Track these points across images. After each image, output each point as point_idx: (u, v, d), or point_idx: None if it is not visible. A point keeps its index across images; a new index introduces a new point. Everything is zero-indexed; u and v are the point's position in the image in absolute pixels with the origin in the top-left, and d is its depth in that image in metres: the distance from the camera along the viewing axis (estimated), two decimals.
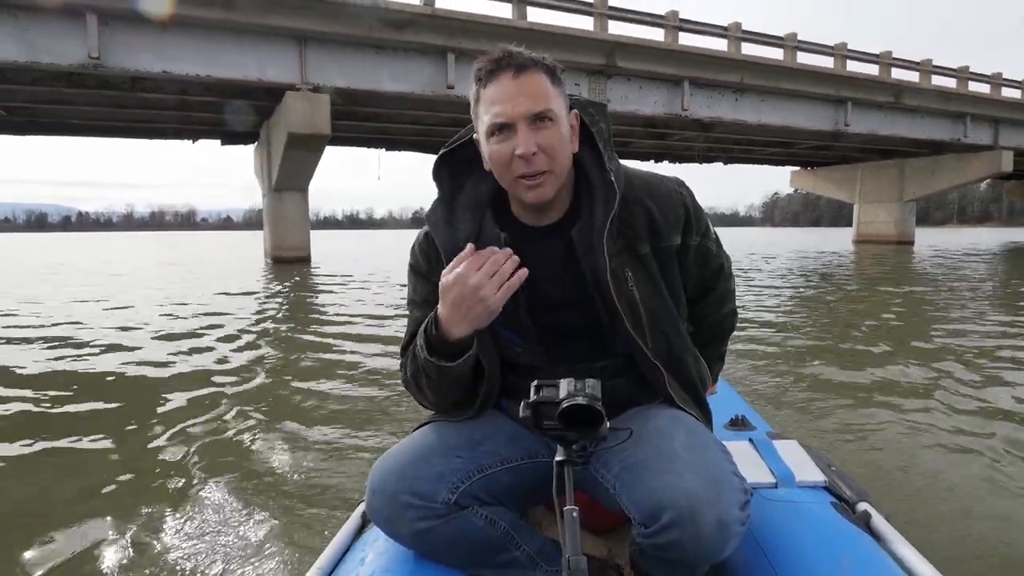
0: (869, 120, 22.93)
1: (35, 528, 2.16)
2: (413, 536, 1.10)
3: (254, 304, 8.99)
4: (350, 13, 14.02)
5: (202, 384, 4.21)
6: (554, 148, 1.06)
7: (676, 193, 1.21)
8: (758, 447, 1.52)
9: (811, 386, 3.93)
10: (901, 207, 30.45)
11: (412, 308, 1.27)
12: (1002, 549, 1.96)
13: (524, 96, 1.04)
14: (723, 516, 0.94)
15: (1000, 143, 26.60)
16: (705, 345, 1.38)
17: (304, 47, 14.58)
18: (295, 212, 18.22)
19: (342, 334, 6.12)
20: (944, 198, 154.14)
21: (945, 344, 5.38)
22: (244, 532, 2.11)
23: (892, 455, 2.72)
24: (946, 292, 9.70)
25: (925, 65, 23.14)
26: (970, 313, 7.26)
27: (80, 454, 2.98)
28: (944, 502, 2.27)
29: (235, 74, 14.13)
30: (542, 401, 0.94)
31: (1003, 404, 3.49)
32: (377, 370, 4.50)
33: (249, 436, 3.10)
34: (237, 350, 5.44)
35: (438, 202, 1.21)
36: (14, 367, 4.83)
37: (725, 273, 1.36)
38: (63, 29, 12.62)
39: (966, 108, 24.61)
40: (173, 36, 13.40)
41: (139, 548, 2.02)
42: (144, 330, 6.58)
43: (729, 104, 20.03)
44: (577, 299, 1.17)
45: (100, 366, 4.93)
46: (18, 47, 12.49)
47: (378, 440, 2.99)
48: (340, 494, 2.39)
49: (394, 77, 15.53)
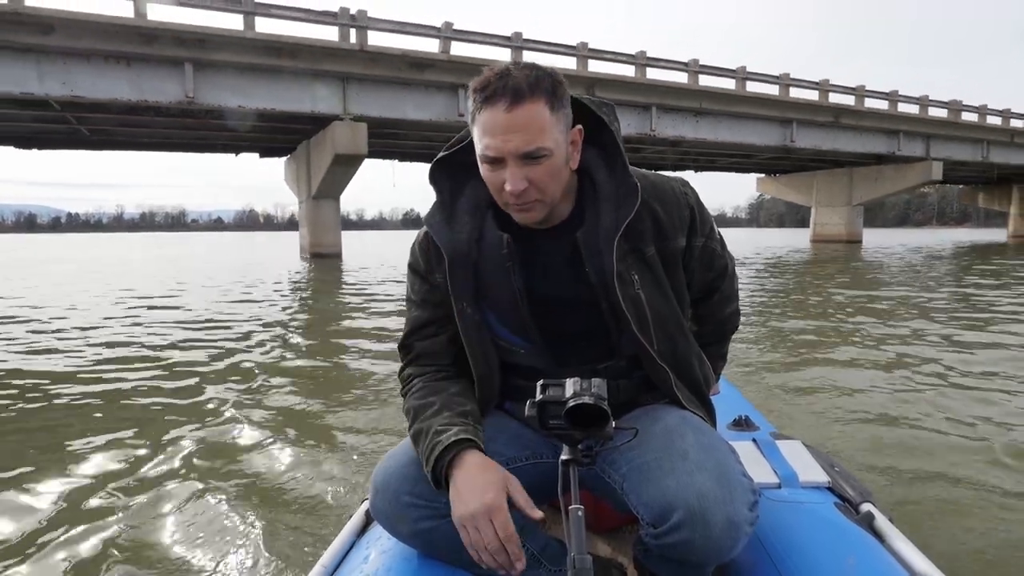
0: (813, 137, 26.90)
1: (35, 527, 2.14)
2: (416, 535, 1.09)
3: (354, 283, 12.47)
4: (384, 58, 17.85)
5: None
6: (545, 182, 1.05)
7: (681, 194, 1.20)
8: (761, 447, 1.51)
9: (812, 385, 3.92)
10: (850, 210, 34.35)
11: (410, 307, 1.26)
12: (1005, 550, 1.92)
13: (516, 132, 1.01)
14: (734, 516, 0.94)
15: (932, 155, 30.54)
16: (708, 344, 1.38)
17: (346, 85, 18.34)
18: (330, 216, 21.99)
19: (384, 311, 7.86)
20: (925, 200, 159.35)
21: (933, 342, 5.43)
22: (247, 529, 2.09)
23: (896, 455, 2.68)
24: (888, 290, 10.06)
25: (860, 90, 27.16)
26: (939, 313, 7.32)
27: (111, 441, 3.04)
28: (948, 502, 2.24)
29: (293, 107, 17.88)
30: (548, 400, 0.94)
31: (1011, 404, 3.45)
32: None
33: (257, 430, 3.15)
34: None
35: (437, 205, 1.20)
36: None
37: (729, 273, 1.35)
38: (166, 74, 16.35)
39: (899, 126, 28.61)
40: (248, 78, 17.16)
41: (141, 546, 2.00)
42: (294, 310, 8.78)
43: (691, 125, 23.94)
44: (581, 301, 1.16)
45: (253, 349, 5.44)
46: (130, 88, 16.17)
47: (382, 437, 3.01)
48: (345, 491, 2.38)
49: (416, 108, 19.34)
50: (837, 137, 27.62)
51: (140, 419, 3.42)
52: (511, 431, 1.21)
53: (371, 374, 4.42)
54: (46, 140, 22.12)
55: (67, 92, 15.53)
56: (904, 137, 29.14)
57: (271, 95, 17.51)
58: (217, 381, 4.29)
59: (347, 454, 2.79)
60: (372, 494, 1.13)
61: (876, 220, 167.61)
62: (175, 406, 3.68)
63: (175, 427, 3.22)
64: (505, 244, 1.12)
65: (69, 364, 4.99)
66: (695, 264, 1.24)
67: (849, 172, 33.69)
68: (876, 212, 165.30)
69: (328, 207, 21.78)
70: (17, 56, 14.92)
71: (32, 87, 15.22)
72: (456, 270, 1.16)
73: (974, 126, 30.73)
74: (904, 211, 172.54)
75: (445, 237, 1.16)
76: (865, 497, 1.34)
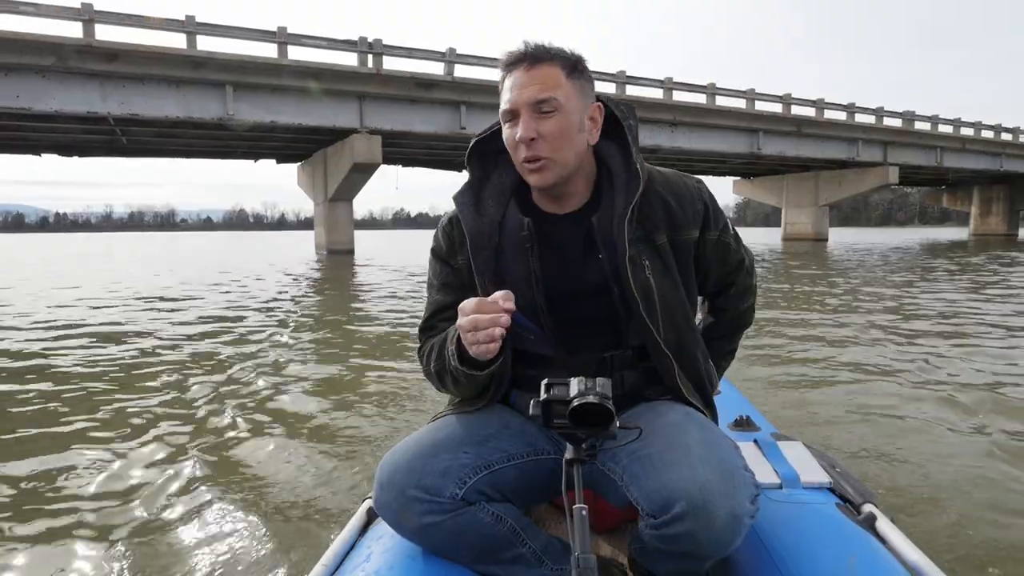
0: (778, 145, 29.72)
1: (34, 528, 2.14)
2: (420, 531, 1.10)
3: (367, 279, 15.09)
4: (395, 80, 20.54)
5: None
6: (555, 136, 1.10)
7: (695, 189, 1.25)
8: (763, 448, 1.52)
9: (811, 385, 3.94)
10: (817, 211, 37.02)
11: (431, 291, 1.30)
12: (1008, 550, 1.91)
13: (530, 85, 1.10)
14: (736, 509, 0.95)
15: (889, 160, 33.39)
16: (721, 336, 1.43)
17: (362, 102, 20.98)
18: (345, 217, 24.62)
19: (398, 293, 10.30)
20: (907, 200, 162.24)
21: (926, 334, 5.55)
22: (248, 528, 2.09)
23: (897, 456, 2.67)
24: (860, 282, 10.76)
25: (819, 103, 30.05)
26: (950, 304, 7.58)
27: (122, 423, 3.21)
28: (950, 503, 2.22)
29: (317, 122, 20.53)
30: (553, 399, 0.93)
31: (1015, 403, 3.45)
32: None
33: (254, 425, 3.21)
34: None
35: (467, 186, 1.26)
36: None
37: (746, 268, 1.37)
38: (210, 95, 18.96)
39: (857, 134, 31.45)
40: (279, 98, 19.80)
41: (140, 545, 2.00)
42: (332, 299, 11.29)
43: (666, 135, 26.70)
44: (594, 286, 1.19)
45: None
46: (178, 107, 18.75)
47: (387, 431, 3.05)
48: (346, 490, 2.39)
49: (423, 122, 22.02)
50: (800, 144, 30.45)
51: (141, 413, 3.46)
52: (514, 427, 1.22)
53: (378, 371, 4.47)
54: (86, 148, 24.55)
55: (126, 111, 18.11)
56: (863, 144, 31.98)
57: (298, 111, 20.15)
58: (231, 372, 4.49)
59: (348, 453, 2.78)
60: (376, 489, 1.12)
61: (860, 219, 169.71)
62: (183, 401, 3.75)
63: (174, 423, 3.29)
64: (526, 227, 1.17)
65: (72, 361, 5.05)
66: (710, 257, 1.28)
67: (815, 176, 36.14)
68: (861, 211, 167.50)
69: (343, 209, 24.42)
70: (84, 80, 17.46)
71: (97, 107, 17.77)
72: (478, 250, 1.21)
73: (927, 134, 33.70)
74: (888, 210, 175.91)
75: (470, 217, 1.22)
76: (867, 498, 1.34)
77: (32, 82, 16.89)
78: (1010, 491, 2.35)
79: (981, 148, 36.07)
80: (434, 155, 27.66)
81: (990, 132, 36.44)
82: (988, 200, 46.12)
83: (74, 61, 16.79)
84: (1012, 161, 38.16)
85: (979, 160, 36.87)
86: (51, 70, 16.84)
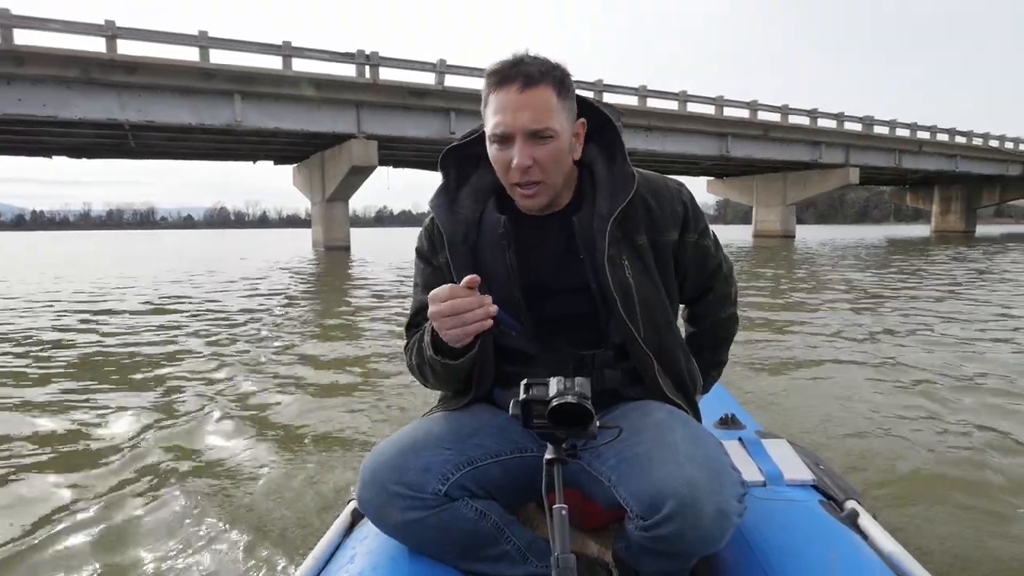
0: (746, 148, 31.74)
1: (34, 527, 2.13)
2: (403, 527, 1.10)
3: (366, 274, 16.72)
4: (390, 89, 22.27)
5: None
6: (548, 164, 1.11)
7: (676, 191, 1.26)
8: (747, 446, 1.53)
9: (801, 384, 3.93)
10: (784, 209, 38.92)
11: (416, 290, 1.32)
12: (988, 545, 1.94)
13: (526, 111, 1.08)
14: (723, 506, 0.95)
15: (851, 162, 35.43)
16: (702, 348, 1.41)
17: (359, 110, 22.67)
18: (341, 215, 26.31)
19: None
20: (882, 198, 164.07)
21: (917, 332, 5.62)
22: (232, 530, 2.07)
23: (880, 453, 2.69)
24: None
25: (784, 108, 32.14)
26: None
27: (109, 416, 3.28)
28: (931, 499, 2.25)
29: (318, 128, 22.20)
30: (532, 399, 0.94)
31: (997, 399, 3.47)
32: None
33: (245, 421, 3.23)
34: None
35: (441, 188, 1.26)
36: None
37: (724, 274, 1.37)
38: (219, 103, 20.59)
39: (820, 138, 33.53)
40: (283, 105, 21.46)
41: (124, 547, 1.98)
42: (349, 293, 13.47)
43: (641, 139, 28.63)
44: (573, 285, 1.19)
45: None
46: (190, 115, 20.35)
47: (373, 431, 3.05)
48: (331, 491, 2.37)
49: (415, 127, 23.76)
50: (767, 148, 32.51)
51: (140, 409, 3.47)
52: (496, 424, 1.22)
53: (364, 366, 4.53)
54: (95, 150, 25.97)
55: (143, 118, 19.70)
56: (826, 147, 34.06)
57: (301, 118, 21.84)
58: (227, 370, 4.50)
59: (332, 454, 2.77)
60: (359, 486, 1.12)
61: (837, 217, 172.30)
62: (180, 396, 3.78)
63: (162, 418, 3.30)
64: (502, 224, 1.17)
65: (74, 356, 5.12)
66: (688, 261, 1.28)
67: (783, 176, 38.01)
68: (837, 209, 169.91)
69: (339, 208, 26.12)
70: (103, 90, 19.01)
71: (116, 114, 19.32)
72: (456, 248, 1.21)
73: (886, 137, 35.93)
74: (863, 208, 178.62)
75: (446, 218, 1.23)
76: (850, 495, 1.35)
77: (58, 92, 18.43)
78: (995, 486, 2.36)
79: (936, 150, 38.35)
80: (424, 157, 29.39)
81: (945, 135, 38.75)
82: (947, 199, 48.62)
83: (97, 73, 18.35)
84: (967, 162, 40.55)
85: (936, 161, 39.10)
86: (75, 81, 18.38)
